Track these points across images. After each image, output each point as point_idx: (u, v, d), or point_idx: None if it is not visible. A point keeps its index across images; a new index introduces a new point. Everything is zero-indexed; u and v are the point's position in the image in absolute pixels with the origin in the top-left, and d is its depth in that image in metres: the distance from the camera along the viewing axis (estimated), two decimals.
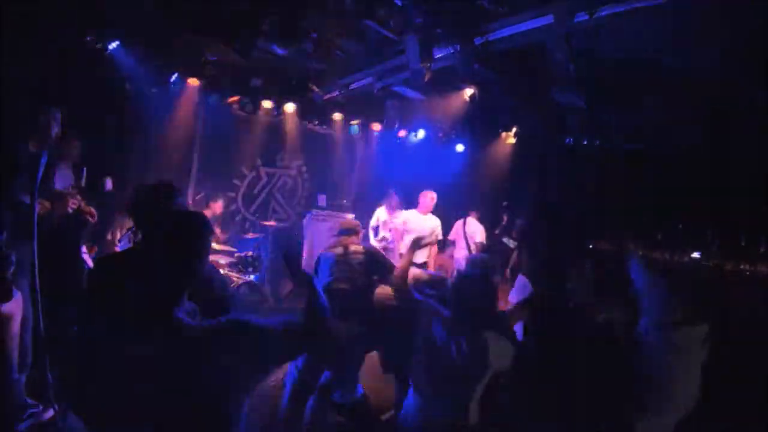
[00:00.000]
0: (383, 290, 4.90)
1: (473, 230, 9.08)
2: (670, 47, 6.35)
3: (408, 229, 7.46)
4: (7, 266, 3.39)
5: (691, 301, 2.62)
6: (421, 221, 7.50)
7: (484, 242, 9.04)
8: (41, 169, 3.34)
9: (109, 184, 5.06)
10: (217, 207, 7.66)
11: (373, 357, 4.63)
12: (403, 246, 7.28)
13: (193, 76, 7.59)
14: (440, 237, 7.85)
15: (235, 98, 8.46)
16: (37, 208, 3.38)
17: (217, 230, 7.47)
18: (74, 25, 5.91)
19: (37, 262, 3.43)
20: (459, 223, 9.25)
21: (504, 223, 10.13)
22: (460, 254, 8.98)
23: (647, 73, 7.11)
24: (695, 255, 10.54)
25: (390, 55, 7.09)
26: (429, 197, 7.59)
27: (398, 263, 4.54)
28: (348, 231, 4.89)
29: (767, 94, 6.68)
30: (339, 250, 4.66)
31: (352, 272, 4.50)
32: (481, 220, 9.36)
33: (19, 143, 3.45)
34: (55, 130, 4.03)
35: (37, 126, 3.91)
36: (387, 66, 7.32)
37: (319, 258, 4.70)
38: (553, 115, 8.74)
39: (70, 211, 4.34)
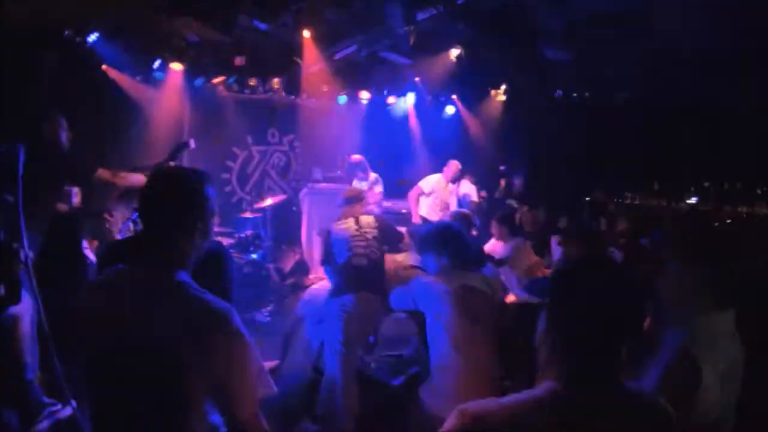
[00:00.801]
0: (394, 260, 4.94)
1: (466, 192, 9.10)
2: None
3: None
4: (17, 266, 3.37)
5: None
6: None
7: (477, 201, 9.08)
8: (21, 164, 3.30)
9: None
10: None
11: None
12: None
13: (175, 60, 7.48)
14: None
15: (220, 79, 8.35)
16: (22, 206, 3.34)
17: None
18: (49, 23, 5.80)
19: (32, 259, 3.41)
20: (453, 187, 9.24)
21: (502, 186, 10.12)
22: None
23: (633, 25, 7.04)
24: (692, 200, 10.60)
25: (373, 21, 6.99)
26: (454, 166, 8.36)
27: None
28: (352, 200, 4.87)
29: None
30: (351, 224, 4.62)
31: (368, 245, 4.48)
32: (475, 183, 9.36)
33: None
34: (64, 134, 4.02)
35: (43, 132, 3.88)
36: (371, 32, 7.22)
37: (330, 234, 4.67)
38: (542, 69, 8.68)
39: (66, 207, 4.33)
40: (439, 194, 8.48)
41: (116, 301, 1.74)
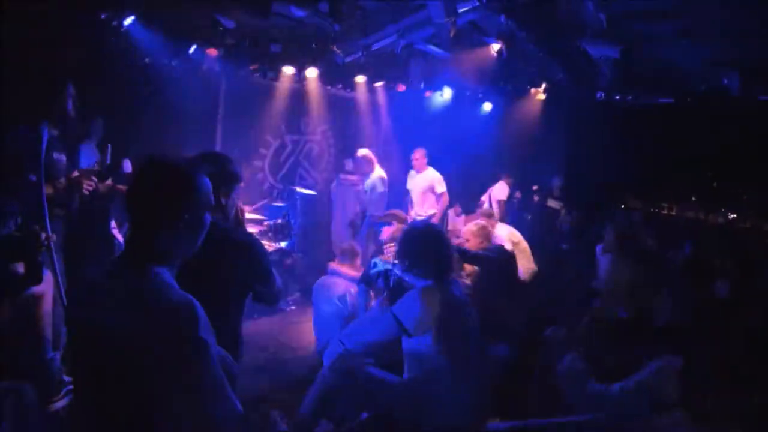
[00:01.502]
0: None
1: (497, 192, 9.00)
2: None
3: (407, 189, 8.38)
4: (38, 248, 3.37)
5: None
6: (415, 179, 8.35)
7: (504, 200, 9.00)
8: (44, 146, 3.28)
9: (127, 165, 5.02)
10: None
11: None
12: None
13: (211, 46, 7.46)
14: (439, 189, 8.20)
15: (256, 66, 8.33)
16: (45, 188, 3.33)
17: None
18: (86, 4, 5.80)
19: (54, 240, 3.40)
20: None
21: (535, 189, 10.00)
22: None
23: (681, 21, 6.80)
24: (731, 216, 10.28)
25: (412, 10, 6.87)
26: (417, 155, 8.30)
27: None
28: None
29: None
30: None
31: None
32: (511, 184, 9.23)
33: (21, 123, 3.38)
34: (70, 105, 3.96)
35: (52, 104, 3.85)
36: (409, 23, 7.11)
37: None
38: (584, 68, 8.46)
39: (86, 192, 4.31)
40: (412, 188, 8.47)
41: (94, 297, 1.69)
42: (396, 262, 3.74)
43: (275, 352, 5.81)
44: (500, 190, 9.09)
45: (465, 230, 5.76)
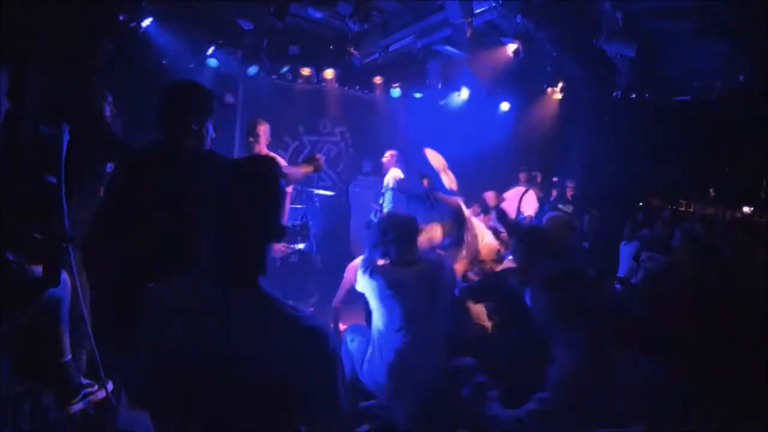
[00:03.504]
0: None
1: (530, 204, 8.84)
2: None
3: None
4: (57, 249, 3.38)
5: None
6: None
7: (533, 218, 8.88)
8: (65, 146, 3.28)
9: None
10: None
11: None
12: None
13: (229, 47, 7.49)
14: (390, 185, 7.97)
15: (274, 67, 8.36)
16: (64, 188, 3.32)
17: None
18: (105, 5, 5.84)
19: (74, 242, 3.40)
20: (519, 190, 8.99)
21: (554, 197, 9.89)
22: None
23: (698, 19, 6.72)
24: (746, 210, 10.14)
25: (429, 11, 6.86)
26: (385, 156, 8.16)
27: None
28: None
29: None
30: None
31: None
32: (540, 198, 9.12)
33: (40, 123, 3.38)
34: (108, 109, 4.01)
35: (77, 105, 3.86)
36: (427, 24, 7.09)
37: None
38: (600, 67, 8.39)
39: None
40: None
41: (199, 321, 1.54)
42: None
43: None
44: (529, 203, 8.88)
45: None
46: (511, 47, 7.84)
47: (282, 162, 6.14)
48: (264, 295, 1.56)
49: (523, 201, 8.87)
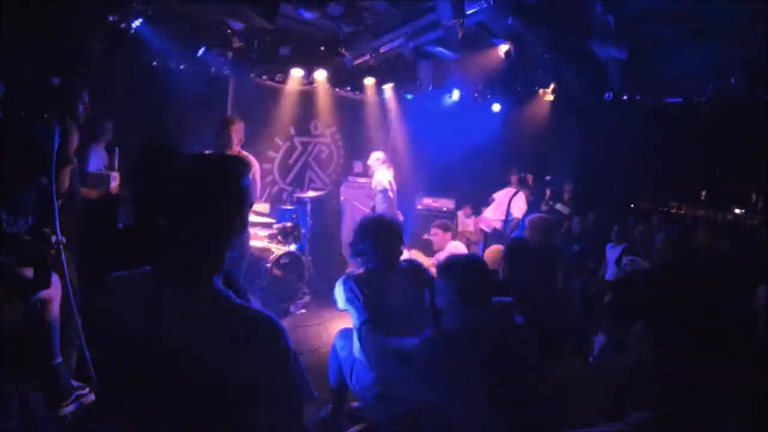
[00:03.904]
0: None
1: (517, 207, 8.89)
2: None
3: None
4: (48, 251, 3.36)
5: None
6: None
7: (520, 220, 8.93)
8: (56, 146, 3.26)
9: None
10: None
11: None
12: None
13: (219, 48, 7.46)
14: (380, 187, 8.01)
15: (264, 68, 8.35)
16: (55, 187, 3.30)
17: None
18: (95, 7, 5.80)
19: (63, 243, 3.38)
20: (509, 191, 9.03)
21: (547, 196, 9.94)
22: (492, 216, 8.93)
23: (689, 23, 6.75)
24: (738, 211, 10.21)
25: (420, 12, 6.86)
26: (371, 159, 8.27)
27: None
28: None
29: None
30: None
31: None
32: (529, 200, 9.16)
33: (31, 122, 3.35)
34: (81, 106, 3.93)
35: (63, 104, 3.82)
36: (418, 25, 7.09)
37: None
38: (592, 69, 8.43)
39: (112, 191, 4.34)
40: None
41: (149, 314, 1.55)
42: None
43: None
44: (518, 206, 8.94)
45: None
46: (503, 49, 7.86)
47: (255, 165, 6.04)
48: (214, 293, 1.56)
49: (512, 203, 8.91)
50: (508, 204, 8.91)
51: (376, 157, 8.22)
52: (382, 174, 8.07)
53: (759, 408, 1.93)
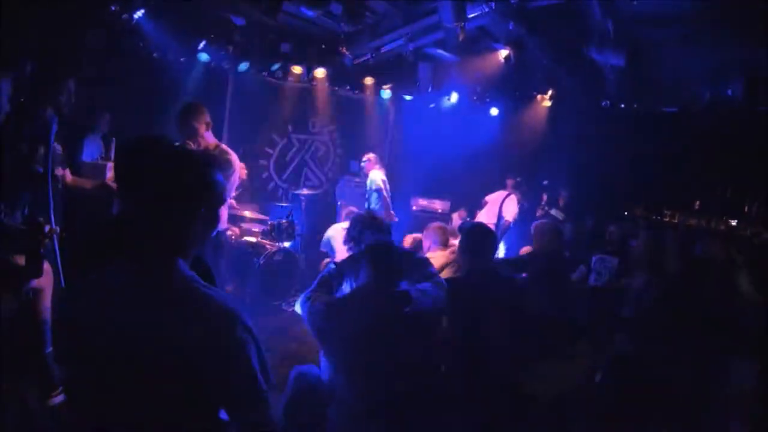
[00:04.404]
0: None
1: (509, 210, 8.92)
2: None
3: None
4: (41, 241, 3.35)
5: None
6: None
7: (511, 224, 8.95)
8: (53, 136, 3.25)
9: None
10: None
11: None
12: None
13: (220, 43, 7.45)
14: (374, 186, 8.13)
15: (265, 64, 8.34)
16: (51, 178, 3.30)
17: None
18: None
19: (57, 233, 3.38)
20: (501, 194, 9.05)
21: (544, 201, 9.95)
22: (485, 218, 8.95)
23: (687, 28, 6.77)
24: (732, 222, 10.23)
25: (422, 14, 6.86)
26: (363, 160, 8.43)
27: None
28: None
29: None
30: None
31: None
32: (521, 202, 9.18)
33: (28, 113, 3.35)
34: (65, 96, 3.88)
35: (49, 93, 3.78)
36: (419, 26, 7.10)
37: None
38: (590, 76, 8.45)
39: (107, 181, 4.33)
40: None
41: (112, 302, 1.57)
42: None
43: (276, 354, 5.78)
44: (509, 209, 8.98)
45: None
46: (503, 53, 7.87)
47: (233, 159, 5.64)
48: (178, 277, 1.58)
49: (504, 205, 8.94)
50: (499, 206, 8.94)
51: (368, 158, 8.25)
52: (376, 174, 8.09)
53: None
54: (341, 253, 5.49)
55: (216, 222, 1.75)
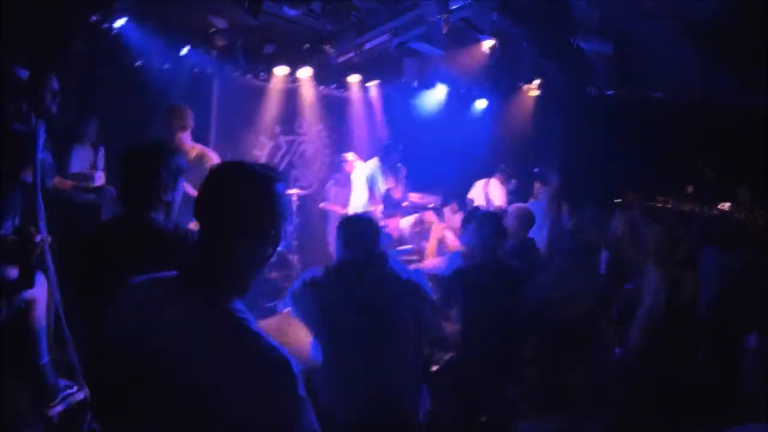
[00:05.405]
0: None
1: (495, 194, 8.94)
2: None
3: None
4: (32, 251, 3.33)
5: None
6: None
7: (503, 207, 8.91)
8: (40, 143, 3.23)
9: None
10: None
11: None
12: None
13: (203, 46, 7.41)
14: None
15: (249, 67, 8.31)
16: (40, 186, 3.27)
17: None
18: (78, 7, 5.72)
19: (48, 243, 3.36)
20: (481, 183, 9.07)
21: (537, 189, 9.96)
22: None
23: (674, 19, 6.79)
24: (725, 206, 10.28)
25: (405, 9, 6.85)
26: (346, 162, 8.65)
27: None
28: None
29: None
30: None
31: None
32: (505, 183, 9.18)
33: (12, 119, 3.31)
34: (49, 95, 3.79)
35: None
36: (403, 21, 7.09)
37: None
38: (577, 65, 8.46)
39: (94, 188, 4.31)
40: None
41: (163, 327, 1.47)
42: None
43: None
44: (495, 194, 8.98)
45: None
46: (488, 44, 7.87)
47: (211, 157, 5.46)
48: (233, 318, 1.47)
49: (489, 192, 8.96)
50: (485, 195, 8.96)
51: (349, 158, 8.27)
52: (362, 169, 8.08)
53: None
54: None
55: (281, 240, 1.61)
